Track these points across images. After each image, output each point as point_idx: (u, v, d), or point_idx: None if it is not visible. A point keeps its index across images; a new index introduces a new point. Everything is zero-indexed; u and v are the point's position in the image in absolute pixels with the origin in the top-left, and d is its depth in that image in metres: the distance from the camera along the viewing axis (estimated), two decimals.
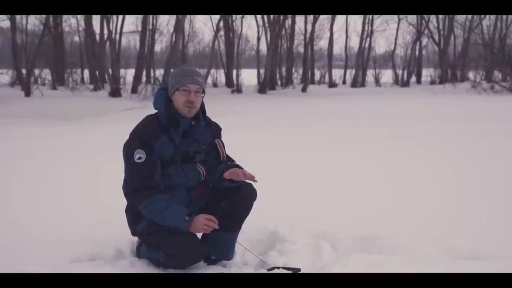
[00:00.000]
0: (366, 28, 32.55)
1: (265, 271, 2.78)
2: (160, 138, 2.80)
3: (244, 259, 3.02)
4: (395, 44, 34.96)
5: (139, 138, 2.79)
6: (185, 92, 2.82)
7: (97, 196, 4.26)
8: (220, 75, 31.66)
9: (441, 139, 7.51)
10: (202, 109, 2.96)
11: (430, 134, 8.21)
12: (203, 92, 2.90)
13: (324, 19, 34.53)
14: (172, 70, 10.13)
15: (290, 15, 27.11)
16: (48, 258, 2.83)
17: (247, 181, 2.89)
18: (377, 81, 34.62)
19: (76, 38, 34.99)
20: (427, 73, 35.51)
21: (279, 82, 29.57)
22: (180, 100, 2.83)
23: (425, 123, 10.09)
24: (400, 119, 11.08)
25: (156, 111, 2.92)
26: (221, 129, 3.08)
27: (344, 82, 36.00)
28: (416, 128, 9.01)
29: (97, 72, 27.32)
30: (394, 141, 7.40)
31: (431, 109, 13.46)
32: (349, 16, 34.89)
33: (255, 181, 2.78)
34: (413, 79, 34.41)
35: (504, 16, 31.20)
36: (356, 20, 75.67)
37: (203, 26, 47.66)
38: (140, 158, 2.75)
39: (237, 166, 2.92)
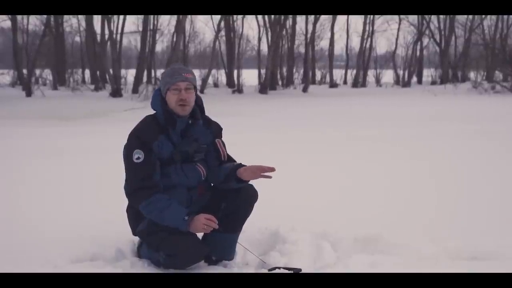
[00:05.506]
0: (367, 28, 32.57)
1: (266, 271, 2.78)
2: (159, 138, 2.80)
3: (245, 259, 3.02)
4: (396, 44, 35.00)
5: (138, 138, 2.79)
6: (176, 91, 2.82)
7: (97, 196, 4.26)
8: (221, 75, 31.66)
9: (442, 140, 7.51)
10: (200, 107, 2.96)
11: (430, 134, 8.22)
12: (195, 88, 2.90)
13: (325, 19, 34.52)
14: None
15: (291, 15, 27.10)
16: (49, 258, 2.83)
17: (251, 182, 2.88)
18: (378, 81, 34.61)
19: (77, 38, 34.99)
20: (428, 73, 35.44)
21: (280, 82, 29.56)
22: (172, 99, 2.83)
23: (425, 123, 10.08)
24: (401, 119, 11.07)
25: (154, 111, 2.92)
26: (221, 128, 3.07)
27: (345, 82, 35.95)
28: (417, 129, 9.01)
29: (98, 72, 27.35)
30: (395, 141, 7.40)
31: (432, 110, 13.45)
32: (350, 16, 34.88)
33: (273, 170, 2.74)
34: (414, 79, 34.34)
35: (505, 16, 31.12)
36: (357, 20, 75.35)
37: (204, 27, 47.90)
38: (138, 158, 2.76)
39: (241, 165, 2.88)
